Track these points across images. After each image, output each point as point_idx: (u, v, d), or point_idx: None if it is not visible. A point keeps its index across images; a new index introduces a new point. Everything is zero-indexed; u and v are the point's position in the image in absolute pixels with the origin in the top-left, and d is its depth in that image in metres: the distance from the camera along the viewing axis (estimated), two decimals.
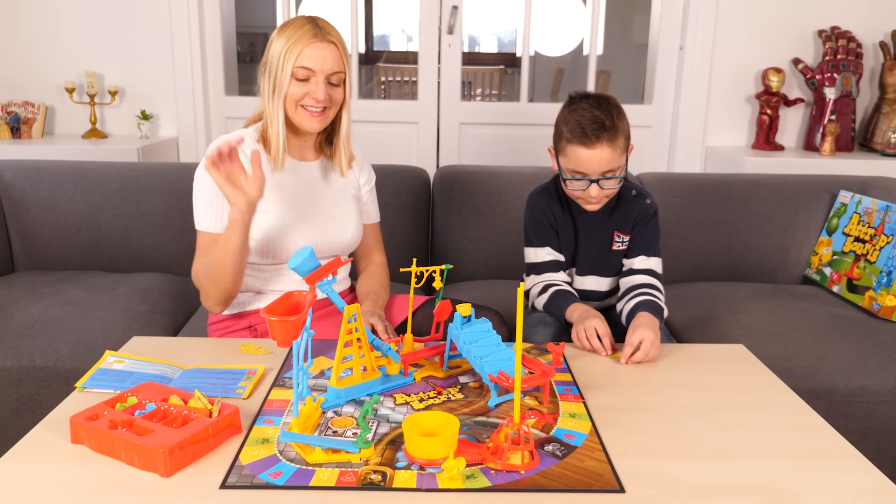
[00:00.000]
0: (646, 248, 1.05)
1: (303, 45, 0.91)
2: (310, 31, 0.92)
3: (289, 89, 0.92)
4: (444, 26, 2.05)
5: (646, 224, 1.04)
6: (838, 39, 1.91)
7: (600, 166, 0.95)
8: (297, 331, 0.64)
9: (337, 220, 1.01)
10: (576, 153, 0.95)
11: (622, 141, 0.95)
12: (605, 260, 1.07)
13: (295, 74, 0.92)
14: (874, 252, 1.31)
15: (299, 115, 0.94)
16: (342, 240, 1.01)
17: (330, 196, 1.02)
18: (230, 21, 2.11)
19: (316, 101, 0.92)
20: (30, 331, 1.13)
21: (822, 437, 0.69)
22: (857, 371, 1.12)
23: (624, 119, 0.96)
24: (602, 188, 0.96)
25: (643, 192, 1.07)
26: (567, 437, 0.68)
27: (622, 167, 0.97)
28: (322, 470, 0.61)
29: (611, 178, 0.96)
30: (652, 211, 1.05)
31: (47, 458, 0.63)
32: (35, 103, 1.93)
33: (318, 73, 0.92)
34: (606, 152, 0.94)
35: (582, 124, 0.94)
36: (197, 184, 0.96)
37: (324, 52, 0.92)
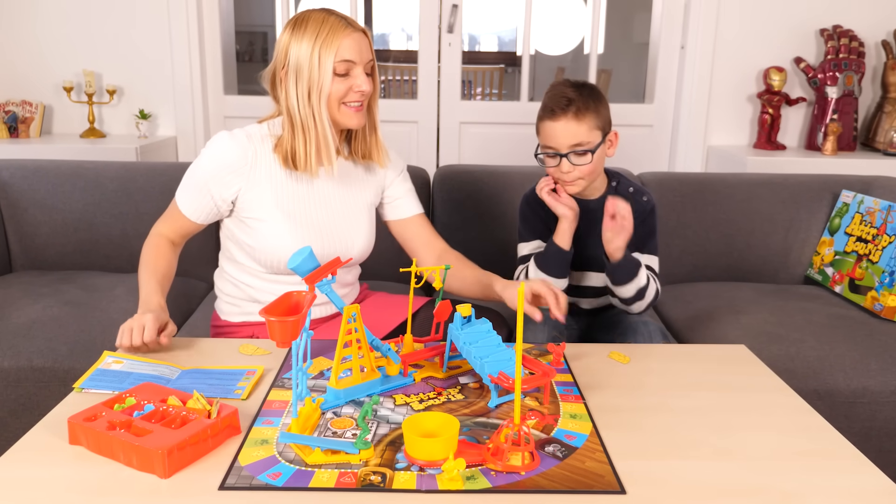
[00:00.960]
0: (642, 244, 1.04)
1: (339, 37, 0.85)
2: (337, 22, 0.86)
3: (332, 87, 0.86)
4: (444, 25, 2.04)
5: (643, 220, 1.04)
6: (840, 38, 1.90)
7: (566, 139, 0.97)
8: (296, 331, 0.64)
9: (346, 232, 0.97)
10: (544, 127, 0.99)
11: (592, 119, 0.97)
12: (602, 257, 1.04)
13: (336, 70, 0.86)
14: (876, 252, 1.31)
15: (342, 114, 0.89)
16: (348, 253, 0.96)
17: (342, 204, 0.96)
18: (229, 20, 2.11)
19: (362, 93, 0.88)
20: (28, 331, 1.12)
21: (824, 437, 0.69)
22: (860, 372, 1.12)
23: (598, 101, 0.98)
24: (573, 164, 0.98)
25: (641, 190, 1.07)
26: (568, 437, 0.68)
27: (592, 143, 0.98)
28: (321, 471, 0.61)
29: (580, 152, 0.97)
30: (649, 208, 1.05)
31: (45, 459, 0.63)
32: (33, 102, 1.93)
33: (358, 63, 0.87)
34: (572, 125, 0.96)
35: (551, 100, 0.98)
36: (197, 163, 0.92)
37: (359, 41, 0.87)
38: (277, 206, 0.92)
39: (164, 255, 0.96)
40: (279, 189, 0.93)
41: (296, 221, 0.93)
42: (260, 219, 0.92)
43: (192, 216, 0.95)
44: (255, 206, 0.92)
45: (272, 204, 0.92)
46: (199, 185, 0.92)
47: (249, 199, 0.92)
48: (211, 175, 0.91)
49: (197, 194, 0.93)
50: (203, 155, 0.93)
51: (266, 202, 0.92)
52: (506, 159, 2.03)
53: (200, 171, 0.92)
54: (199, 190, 0.92)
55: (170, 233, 0.98)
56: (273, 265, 0.93)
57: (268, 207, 0.92)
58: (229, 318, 1.00)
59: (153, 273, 0.93)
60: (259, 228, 0.92)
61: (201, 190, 0.92)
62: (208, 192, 0.92)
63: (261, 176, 0.92)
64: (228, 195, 0.92)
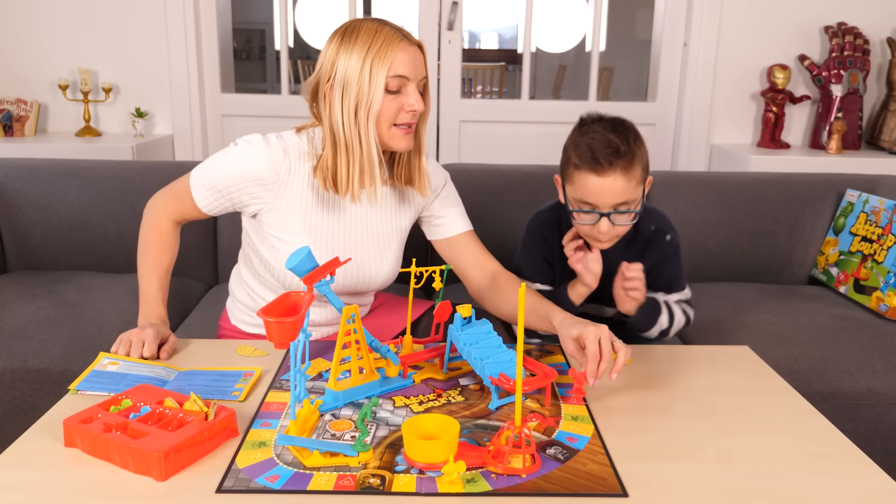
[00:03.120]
0: (668, 285, 0.96)
1: (393, 50, 0.78)
2: (392, 34, 0.79)
3: (383, 105, 0.79)
4: (443, 22, 2.03)
5: (668, 262, 0.93)
6: (845, 35, 1.88)
7: (612, 198, 0.84)
8: (294, 332, 0.63)
9: (371, 262, 0.90)
10: (585, 181, 0.84)
11: (639, 171, 0.85)
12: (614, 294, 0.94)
13: (388, 86, 0.78)
14: (881, 252, 1.30)
15: (391, 136, 0.81)
16: (372, 282, 0.90)
17: (371, 232, 0.89)
18: (226, 17, 2.10)
19: (413, 113, 0.80)
20: (22, 332, 1.12)
21: (829, 440, 0.68)
22: (865, 373, 1.11)
23: (642, 146, 0.86)
24: (614, 223, 0.85)
25: (663, 227, 0.95)
26: (569, 440, 0.67)
27: (638, 201, 0.86)
28: (320, 474, 0.60)
29: (624, 212, 0.85)
30: (673, 248, 0.94)
31: (40, 461, 0.62)
32: (28, 101, 1.92)
33: (412, 80, 0.80)
34: (620, 182, 0.83)
35: (593, 148, 0.83)
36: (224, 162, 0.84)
37: (414, 55, 0.80)
38: (305, 229, 0.86)
39: (168, 246, 0.91)
40: (308, 211, 0.86)
41: (321, 247, 0.87)
42: (284, 240, 0.86)
43: (205, 208, 0.88)
44: (280, 225, 0.86)
45: (300, 226, 0.86)
46: (220, 188, 0.85)
47: (276, 217, 0.86)
48: (236, 182, 0.84)
49: (216, 195, 0.86)
50: (232, 155, 0.84)
51: (293, 224, 0.86)
52: (506, 158, 2.02)
53: (225, 174, 0.84)
54: (219, 192, 0.86)
55: (174, 215, 0.92)
56: (293, 286, 0.87)
57: (294, 229, 0.86)
58: (239, 325, 0.99)
59: (156, 270, 0.89)
60: (282, 249, 0.86)
61: (221, 193, 0.86)
62: (228, 197, 0.86)
63: (291, 196, 0.85)
64: (252, 205, 0.86)
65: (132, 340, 0.82)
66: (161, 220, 0.93)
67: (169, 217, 0.93)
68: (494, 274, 0.94)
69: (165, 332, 0.85)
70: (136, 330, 0.84)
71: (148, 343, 0.81)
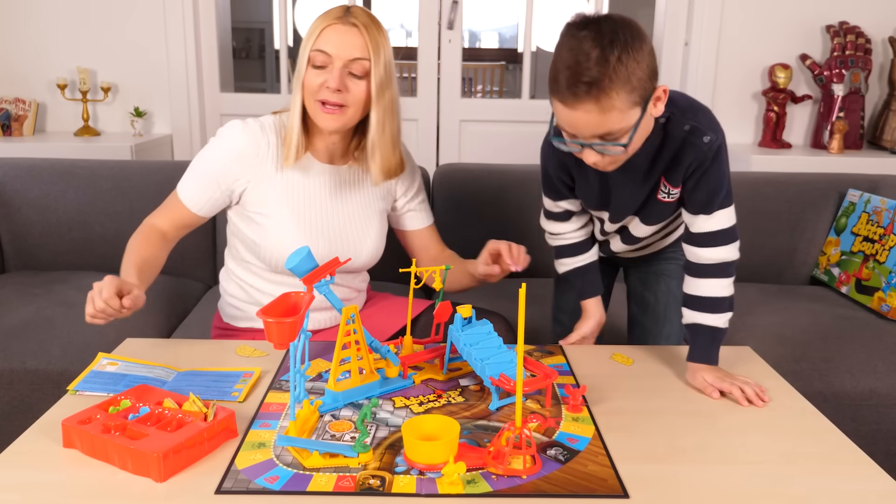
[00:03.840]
0: (707, 204, 0.78)
1: (322, 26, 0.82)
2: (336, 12, 0.83)
3: (305, 77, 0.83)
4: (443, 21, 2.03)
5: (705, 172, 0.76)
6: (846, 35, 1.88)
7: (588, 130, 0.69)
8: (294, 332, 0.63)
9: (352, 235, 0.92)
10: (557, 109, 0.70)
11: (623, 96, 0.66)
12: (648, 209, 0.84)
13: (312, 59, 0.82)
14: (883, 252, 1.29)
15: (314, 111, 0.84)
16: (356, 259, 0.92)
17: (349, 207, 0.92)
18: (225, 16, 2.09)
19: (329, 90, 0.81)
20: (21, 332, 1.11)
21: (831, 440, 0.68)
22: (866, 373, 1.11)
23: (632, 61, 0.66)
24: (602, 153, 0.72)
25: (699, 128, 0.76)
26: (570, 441, 0.67)
27: (627, 126, 0.69)
28: (319, 475, 0.60)
29: (610, 143, 0.70)
30: (712, 154, 0.75)
31: (38, 462, 0.62)
32: (26, 100, 1.91)
33: (334, 58, 0.81)
34: (593, 116, 0.67)
35: (560, 73, 0.67)
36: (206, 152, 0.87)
37: (344, 34, 0.81)
38: (286, 202, 0.89)
39: (152, 243, 0.88)
40: (289, 185, 0.89)
41: (303, 220, 0.90)
42: (267, 214, 0.88)
43: (193, 207, 0.89)
44: (262, 200, 0.89)
45: (280, 200, 0.89)
46: (206, 174, 0.87)
47: (257, 193, 0.88)
48: (220, 164, 0.87)
49: (203, 183, 0.88)
50: (212, 143, 0.88)
51: (274, 198, 0.88)
52: (506, 157, 2.01)
53: (209, 160, 0.87)
54: (205, 178, 0.87)
55: (164, 224, 0.91)
56: (277, 264, 0.90)
57: (275, 203, 0.89)
58: (232, 321, 0.99)
59: (132, 259, 0.85)
60: (265, 224, 0.89)
61: (208, 179, 0.87)
62: (215, 182, 0.87)
63: (271, 170, 0.88)
64: (237, 187, 0.88)
65: (91, 296, 0.74)
66: (145, 227, 0.91)
67: (153, 225, 0.91)
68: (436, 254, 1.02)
69: (127, 283, 0.77)
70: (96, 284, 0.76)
71: (105, 289, 0.73)
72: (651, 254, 1.00)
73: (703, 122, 0.77)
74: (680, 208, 0.85)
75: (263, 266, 0.93)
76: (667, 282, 0.97)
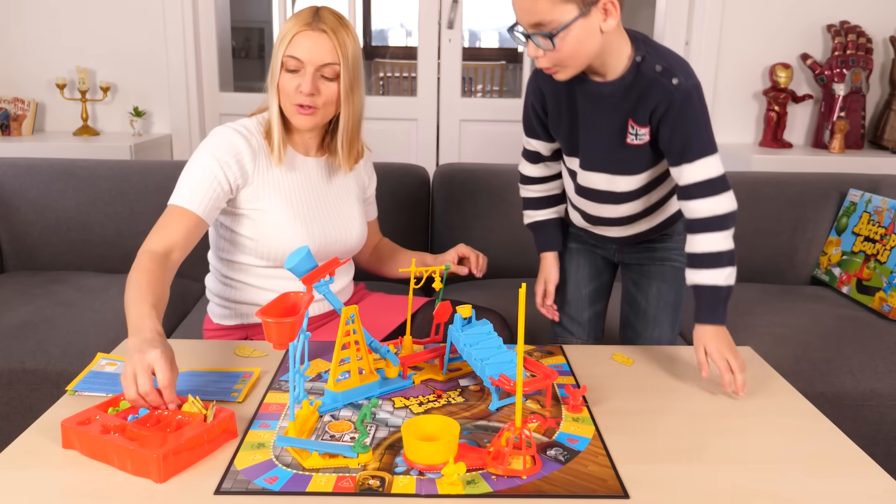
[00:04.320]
0: (685, 151, 0.78)
1: (293, 32, 0.87)
2: (305, 18, 0.87)
3: (280, 80, 0.88)
4: (443, 21, 2.02)
5: (676, 116, 0.76)
6: (847, 34, 1.87)
7: (523, 15, 0.74)
8: (293, 333, 0.63)
9: (341, 220, 0.97)
10: None
11: None
12: (617, 155, 0.83)
13: (285, 64, 0.87)
14: (884, 252, 1.29)
15: (290, 112, 0.89)
16: (347, 242, 0.97)
17: (334, 195, 0.98)
18: (225, 15, 2.09)
19: (302, 94, 0.86)
20: (20, 333, 1.11)
21: (831, 441, 0.68)
22: (867, 374, 1.11)
23: None
24: (539, 47, 0.75)
25: (670, 70, 0.77)
26: (570, 441, 0.67)
27: (556, 22, 0.72)
28: (319, 475, 0.60)
29: (541, 34, 0.73)
30: (681, 97, 0.76)
31: (37, 463, 0.62)
32: (25, 100, 1.91)
33: (306, 63, 0.87)
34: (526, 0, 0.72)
35: None
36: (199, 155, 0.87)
37: (314, 41, 0.86)
38: (280, 196, 0.92)
39: (157, 276, 0.79)
40: (278, 179, 0.93)
41: (298, 211, 0.93)
42: (264, 209, 0.91)
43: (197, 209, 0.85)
44: (257, 197, 0.91)
45: (275, 195, 0.92)
46: (205, 176, 0.86)
47: (253, 190, 0.91)
48: (221, 163, 0.87)
49: (203, 184, 0.86)
50: (206, 148, 0.89)
51: (270, 193, 0.91)
52: (506, 157, 2.01)
53: (206, 163, 0.87)
54: (206, 179, 0.86)
55: (165, 243, 0.83)
56: (278, 256, 0.92)
57: (272, 198, 0.91)
58: (222, 321, 0.99)
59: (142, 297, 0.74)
60: (262, 220, 0.91)
61: (209, 179, 0.86)
62: (216, 181, 0.86)
63: (262, 167, 0.92)
64: (240, 181, 0.89)
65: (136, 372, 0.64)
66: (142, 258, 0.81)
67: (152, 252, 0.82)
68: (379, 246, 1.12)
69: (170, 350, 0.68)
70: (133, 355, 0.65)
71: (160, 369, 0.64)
72: (645, 249, 0.99)
73: (676, 66, 0.79)
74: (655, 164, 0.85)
75: (259, 263, 0.93)
76: (658, 285, 0.98)
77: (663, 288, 0.97)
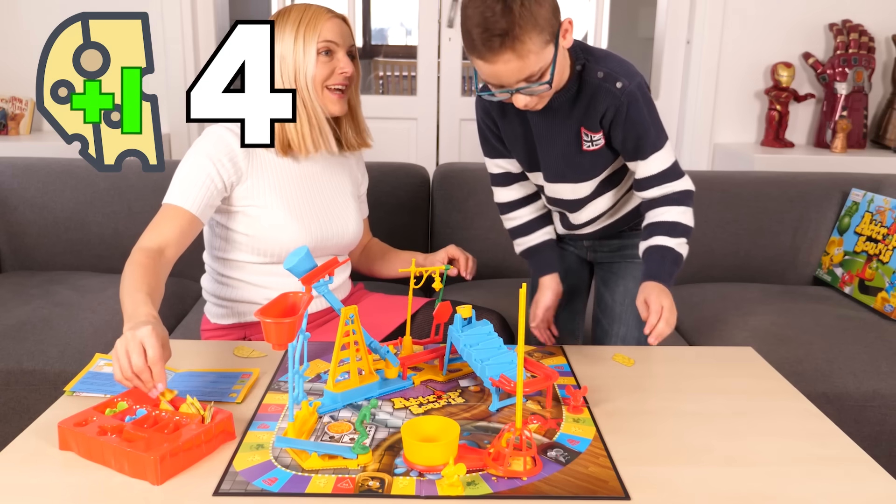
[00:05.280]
0: (637, 149, 0.81)
1: (321, 20, 0.90)
2: (318, 9, 0.91)
3: (316, 69, 0.89)
4: (444, 19, 2.02)
5: (625, 118, 0.79)
6: (850, 33, 1.87)
7: (511, 78, 0.73)
8: (292, 333, 0.63)
9: (337, 215, 0.98)
10: (478, 66, 0.74)
11: (535, 37, 0.70)
12: (577, 164, 0.85)
13: (319, 50, 0.89)
14: (887, 252, 1.28)
15: (325, 99, 0.91)
16: (343, 236, 0.98)
17: (330, 190, 0.98)
18: (223, 14, 2.08)
19: (344, 75, 0.90)
20: (17, 333, 1.11)
21: (834, 442, 0.68)
22: (870, 374, 1.10)
23: (534, 4, 0.70)
24: (531, 94, 0.75)
25: (612, 74, 0.79)
26: (571, 442, 0.66)
27: (545, 68, 0.73)
28: (318, 476, 0.59)
29: (534, 84, 0.74)
30: (627, 99, 0.78)
31: (34, 465, 0.61)
32: (22, 99, 1.89)
33: (341, 46, 0.91)
34: (512, 64, 0.71)
35: (471, 32, 0.71)
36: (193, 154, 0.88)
37: (340, 25, 0.92)
38: (276, 192, 0.93)
39: (150, 269, 0.79)
40: (276, 176, 0.93)
41: (294, 206, 0.94)
42: (259, 206, 0.91)
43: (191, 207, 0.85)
44: (253, 194, 0.92)
45: (271, 191, 0.92)
46: (199, 174, 0.86)
47: (248, 187, 0.91)
48: (216, 161, 0.88)
49: (198, 183, 0.86)
50: (200, 147, 0.89)
51: (265, 189, 0.92)
52: None
53: (199, 161, 0.87)
54: (200, 178, 0.86)
55: (158, 241, 0.84)
56: (275, 252, 0.92)
57: (267, 194, 0.92)
58: (219, 320, 0.99)
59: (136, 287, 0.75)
60: (258, 216, 0.92)
61: (203, 178, 0.86)
62: (210, 180, 0.87)
63: (257, 164, 0.92)
64: (234, 179, 0.90)
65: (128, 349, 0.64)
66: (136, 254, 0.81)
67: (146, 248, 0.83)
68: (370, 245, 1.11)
69: (163, 331, 0.68)
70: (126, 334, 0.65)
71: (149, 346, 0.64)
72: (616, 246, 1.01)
73: (617, 69, 0.81)
74: (614, 161, 0.87)
75: (256, 260, 0.94)
76: (625, 283, 0.99)
77: (630, 286, 0.98)
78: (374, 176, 1.15)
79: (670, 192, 0.84)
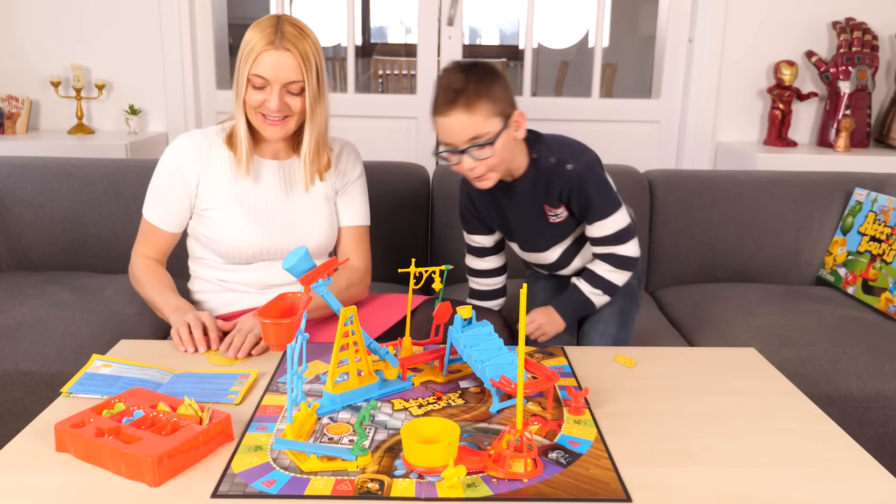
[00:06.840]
0: (590, 216, 0.97)
1: (258, 51, 0.88)
2: (268, 36, 0.88)
3: (246, 96, 0.91)
4: (443, 17, 2.01)
5: (578, 193, 0.95)
6: (853, 31, 1.86)
7: (461, 133, 0.88)
8: (291, 334, 0.62)
9: (302, 221, 0.98)
10: (436, 124, 0.90)
11: (486, 106, 0.87)
12: (546, 233, 1.01)
13: (251, 82, 0.90)
14: (890, 252, 1.28)
15: (258, 122, 0.93)
16: (307, 243, 0.97)
17: (299, 196, 0.99)
18: (222, 12, 2.07)
19: (271, 111, 0.90)
20: (14, 334, 1.10)
21: (837, 444, 0.67)
22: (873, 376, 1.09)
23: (491, 84, 0.88)
24: (476, 158, 0.89)
25: (562, 159, 0.95)
26: (571, 444, 0.66)
27: (492, 133, 0.88)
28: (317, 478, 0.59)
29: (480, 145, 0.88)
30: (576, 179, 0.94)
31: (31, 466, 0.61)
32: (19, 97, 1.89)
33: (272, 82, 0.89)
34: (462, 119, 0.87)
35: (437, 93, 0.89)
36: (157, 169, 0.97)
37: (279, 59, 0.88)
38: (232, 195, 0.96)
39: (160, 273, 0.99)
40: (234, 180, 0.96)
41: (250, 211, 0.96)
42: (215, 208, 0.95)
43: (161, 224, 0.98)
44: (210, 196, 0.96)
45: (227, 194, 0.96)
46: (162, 189, 0.97)
47: (205, 189, 0.96)
48: (171, 172, 0.96)
49: (162, 198, 0.97)
50: (161, 160, 0.98)
51: (221, 192, 0.96)
52: None
53: (160, 175, 0.97)
54: (162, 192, 0.96)
55: (150, 252, 1.00)
56: (230, 255, 0.96)
57: (222, 197, 0.95)
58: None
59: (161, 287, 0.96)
60: (214, 218, 0.95)
61: (166, 192, 0.96)
62: (172, 193, 0.95)
63: (215, 168, 0.96)
64: (190, 192, 0.96)
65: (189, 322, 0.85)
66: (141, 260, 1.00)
67: (146, 256, 1.00)
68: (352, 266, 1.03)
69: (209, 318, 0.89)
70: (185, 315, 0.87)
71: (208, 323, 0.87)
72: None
73: (565, 154, 0.96)
74: (578, 226, 1.02)
75: (219, 260, 0.99)
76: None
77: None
78: (373, 175, 1.14)
79: (610, 253, 0.99)
